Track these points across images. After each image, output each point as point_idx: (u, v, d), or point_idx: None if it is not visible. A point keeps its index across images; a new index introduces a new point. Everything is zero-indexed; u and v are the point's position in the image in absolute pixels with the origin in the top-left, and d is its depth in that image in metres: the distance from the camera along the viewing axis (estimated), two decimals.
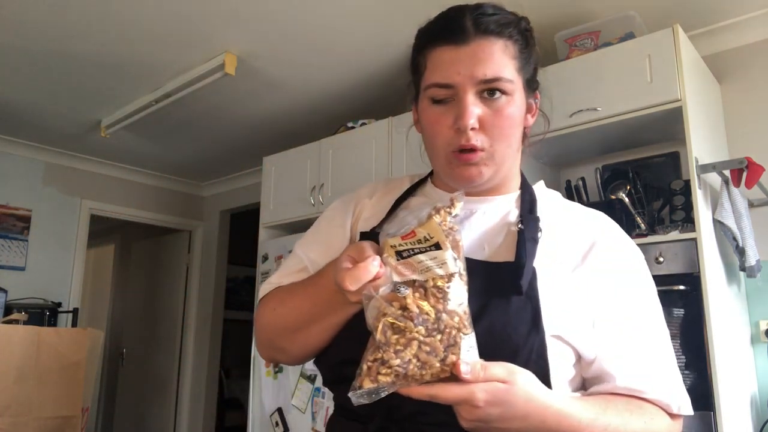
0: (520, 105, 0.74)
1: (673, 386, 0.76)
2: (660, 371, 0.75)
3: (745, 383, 1.99)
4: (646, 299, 0.78)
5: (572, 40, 2.29)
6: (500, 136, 0.73)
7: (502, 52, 0.72)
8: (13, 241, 3.83)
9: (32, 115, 3.49)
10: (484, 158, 0.73)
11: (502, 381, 0.59)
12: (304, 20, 2.42)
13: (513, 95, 0.73)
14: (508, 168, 0.78)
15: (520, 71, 0.74)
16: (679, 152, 2.31)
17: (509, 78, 0.72)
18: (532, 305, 0.68)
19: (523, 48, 0.75)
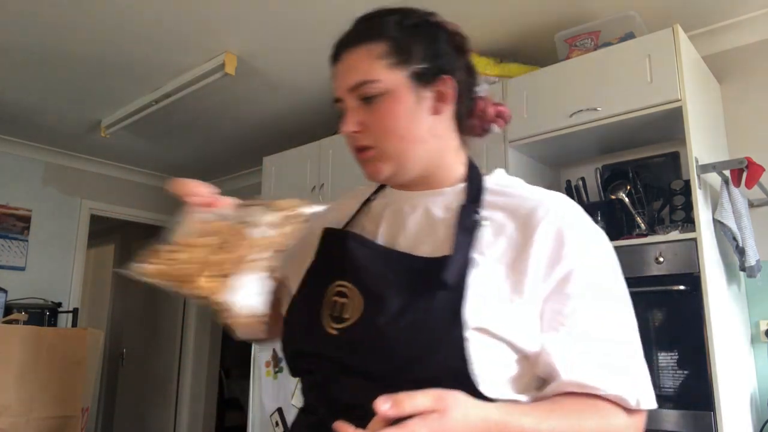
0: (405, 99, 0.75)
1: (631, 379, 0.69)
2: (615, 363, 0.69)
3: (745, 383, 1.99)
4: (599, 287, 0.72)
5: (572, 40, 2.29)
6: (384, 133, 0.76)
7: (365, 56, 0.76)
8: (13, 241, 3.83)
9: (32, 115, 3.49)
10: (377, 155, 0.77)
11: (432, 411, 0.57)
12: (304, 20, 2.42)
13: (390, 93, 0.75)
14: (425, 160, 0.78)
15: (397, 66, 0.76)
16: (679, 152, 2.31)
17: (375, 79, 0.75)
18: (454, 297, 0.68)
19: (400, 43, 0.76)
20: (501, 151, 2.30)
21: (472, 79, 0.82)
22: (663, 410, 1.76)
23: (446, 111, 0.78)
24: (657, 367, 1.80)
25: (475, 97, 0.83)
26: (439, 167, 0.80)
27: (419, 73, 0.76)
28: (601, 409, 0.67)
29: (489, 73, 2.46)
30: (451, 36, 0.81)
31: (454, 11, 2.32)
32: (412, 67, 0.76)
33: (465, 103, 0.81)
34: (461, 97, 0.80)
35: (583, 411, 0.67)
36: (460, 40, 0.81)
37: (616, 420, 0.68)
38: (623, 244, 1.95)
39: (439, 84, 0.77)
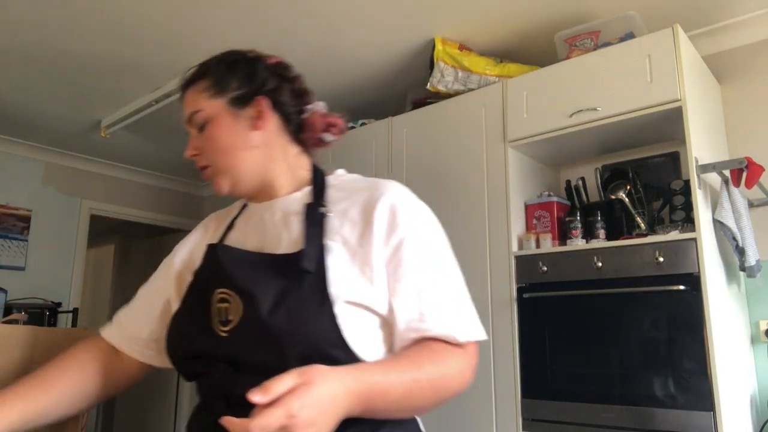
0: (225, 121, 0.92)
1: (458, 318, 0.82)
2: (442, 307, 0.81)
3: (745, 383, 1.99)
4: (427, 249, 0.85)
5: (572, 40, 2.29)
6: (212, 151, 0.92)
7: (193, 93, 0.94)
8: (13, 241, 3.83)
9: (32, 115, 3.49)
10: (214, 172, 0.93)
11: (299, 385, 0.65)
12: (303, 21, 2.42)
13: (213, 120, 0.92)
14: (258, 171, 0.93)
15: (217, 96, 0.93)
16: (679, 152, 2.31)
17: (199, 109, 0.92)
18: (319, 280, 0.79)
19: (217, 78, 0.94)
20: (501, 151, 2.30)
21: (300, 99, 0.97)
22: (663, 410, 1.76)
23: (267, 126, 0.93)
24: (657, 367, 1.80)
25: (303, 113, 0.97)
26: (275, 175, 0.94)
27: (236, 98, 0.92)
28: (436, 352, 0.79)
29: (489, 73, 2.46)
30: (271, 66, 0.98)
31: (455, 11, 2.33)
32: (230, 94, 0.92)
33: (293, 119, 0.96)
34: (286, 114, 0.95)
35: (421, 356, 0.78)
36: (281, 69, 0.99)
37: (450, 359, 0.79)
38: (623, 244, 1.95)
39: (255, 105, 0.92)
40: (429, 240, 0.87)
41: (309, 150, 1.00)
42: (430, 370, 0.78)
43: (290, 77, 0.98)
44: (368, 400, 0.72)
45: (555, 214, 2.25)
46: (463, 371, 0.81)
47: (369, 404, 0.72)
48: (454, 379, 0.80)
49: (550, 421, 1.98)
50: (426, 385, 0.77)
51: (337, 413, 0.68)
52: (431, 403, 0.79)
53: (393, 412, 0.78)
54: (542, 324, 2.07)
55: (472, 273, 2.29)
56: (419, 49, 2.63)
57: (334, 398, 0.67)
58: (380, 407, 0.74)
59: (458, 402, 2.22)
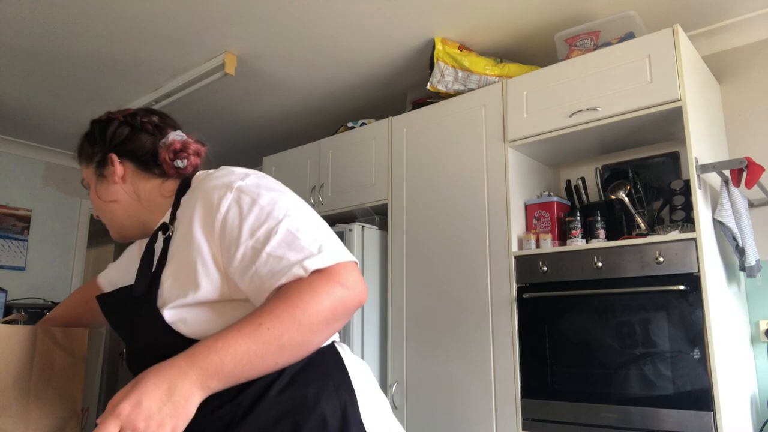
0: (94, 184, 1.06)
1: (292, 257, 0.81)
2: (266, 261, 0.82)
3: (745, 383, 1.99)
4: (233, 215, 0.86)
5: (572, 40, 2.29)
6: (96, 210, 1.09)
7: (79, 165, 1.10)
8: (13, 241, 3.83)
9: (32, 115, 3.50)
10: (106, 225, 1.08)
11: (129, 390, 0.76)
12: (304, 20, 2.42)
13: (90, 185, 1.08)
14: (133, 217, 1.05)
15: (88, 165, 1.07)
16: (679, 152, 2.31)
17: (82, 178, 1.10)
18: (148, 303, 0.88)
19: (83, 150, 1.08)
20: (501, 151, 2.30)
21: (156, 136, 1.05)
22: (663, 410, 1.76)
23: (123, 175, 1.03)
24: (657, 367, 1.80)
25: (153, 150, 1.04)
26: (149, 213, 1.04)
27: (98, 162, 1.05)
28: (281, 291, 0.80)
29: (489, 73, 2.46)
30: (121, 119, 1.06)
31: (455, 11, 2.33)
32: (94, 159, 1.06)
33: (145, 159, 1.04)
34: (138, 157, 1.04)
35: (264, 305, 0.80)
36: (130, 119, 1.06)
37: (297, 288, 0.79)
38: (623, 244, 1.95)
39: (109, 163, 1.04)
40: (241, 204, 0.87)
41: (177, 176, 1.05)
42: (272, 308, 0.78)
43: (140, 122, 1.06)
44: (212, 366, 0.75)
45: (555, 214, 2.26)
46: (330, 294, 0.79)
47: (216, 368, 0.75)
48: (319, 305, 0.79)
49: (550, 421, 1.98)
50: (276, 321, 0.77)
51: (176, 391, 0.73)
52: (300, 330, 0.78)
53: (257, 361, 0.77)
54: (542, 324, 2.07)
55: (472, 273, 2.29)
56: (419, 49, 2.63)
57: (166, 381, 0.74)
58: (232, 364, 0.75)
59: (458, 402, 2.22)
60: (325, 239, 0.85)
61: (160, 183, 1.04)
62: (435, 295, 2.38)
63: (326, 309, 0.79)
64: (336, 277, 0.81)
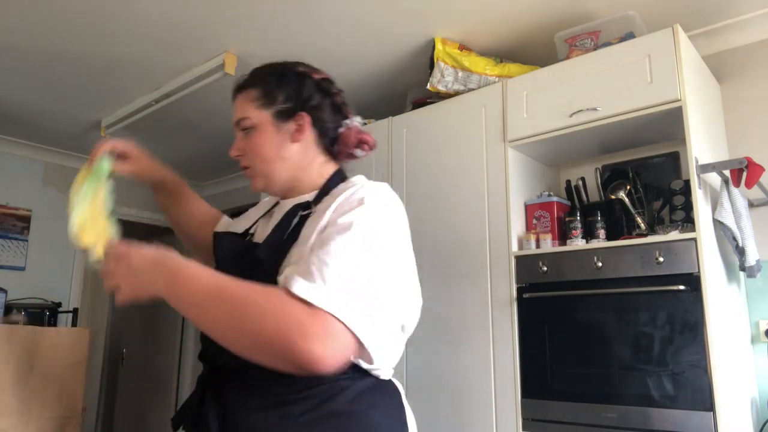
0: (270, 133, 1.01)
1: (307, 273, 0.80)
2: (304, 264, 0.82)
3: (745, 383, 1.99)
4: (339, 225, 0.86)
5: (572, 40, 2.29)
6: (254, 156, 1.02)
7: (244, 99, 1.03)
8: (13, 241, 3.83)
9: (32, 115, 3.50)
10: (252, 173, 1.04)
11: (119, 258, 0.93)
12: (303, 21, 2.42)
13: (258, 127, 1.01)
14: (286, 176, 1.03)
15: (264, 107, 1.01)
16: (679, 152, 2.31)
17: (246, 116, 1.02)
18: (269, 268, 0.89)
19: (267, 90, 1.02)
20: (501, 151, 2.30)
21: (339, 114, 1.05)
22: (663, 410, 1.76)
23: (305, 139, 1.01)
24: (657, 367, 1.80)
25: (339, 128, 1.05)
26: (300, 179, 1.03)
27: (281, 112, 1.01)
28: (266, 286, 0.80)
29: (489, 73, 2.46)
30: (317, 82, 1.04)
31: (455, 11, 2.33)
32: (276, 107, 1.01)
33: (328, 133, 1.04)
34: (323, 129, 1.03)
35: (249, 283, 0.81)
36: (326, 85, 1.05)
37: (274, 294, 0.79)
38: (623, 244, 1.95)
39: (297, 120, 1.01)
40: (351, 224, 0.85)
41: (338, 160, 1.08)
42: (245, 288, 0.80)
43: (332, 93, 1.05)
44: (171, 274, 0.83)
45: (555, 214, 2.26)
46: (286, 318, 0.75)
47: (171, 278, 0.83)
48: (268, 315, 0.76)
49: (550, 421, 1.98)
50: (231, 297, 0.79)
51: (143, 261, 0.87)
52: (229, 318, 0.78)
53: (191, 306, 0.82)
54: (542, 324, 2.07)
55: (472, 273, 2.29)
56: (419, 49, 2.63)
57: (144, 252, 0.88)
58: (181, 291, 0.82)
59: (458, 401, 2.22)
60: (348, 290, 0.79)
61: (324, 161, 1.05)
62: (435, 295, 2.38)
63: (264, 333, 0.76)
64: (312, 320, 0.75)
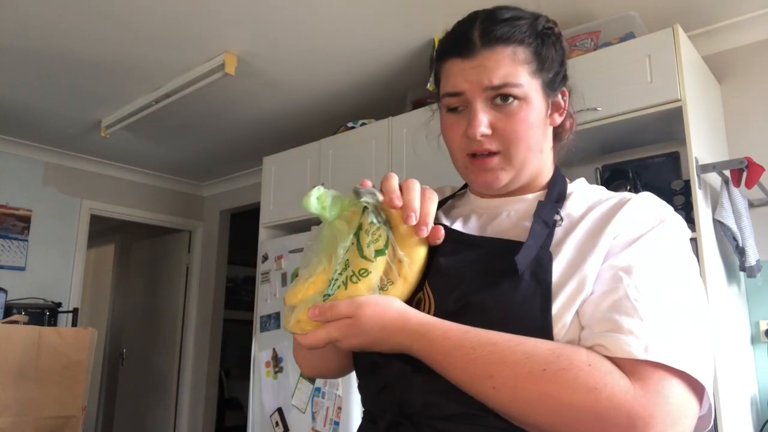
0: (538, 107, 0.74)
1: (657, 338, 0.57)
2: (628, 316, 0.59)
3: (745, 383, 1.99)
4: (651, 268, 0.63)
5: (572, 40, 2.29)
6: (515, 139, 0.73)
7: (511, 59, 0.73)
8: (13, 241, 3.83)
9: (32, 115, 3.49)
10: (501, 162, 0.75)
11: (347, 316, 0.64)
12: (304, 20, 2.42)
13: (527, 99, 0.73)
14: (533, 170, 0.78)
15: (536, 74, 0.74)
16: (679, 152, 2.30)
17: (519, 83, 0.72)
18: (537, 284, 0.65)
19: (538, 50, 0.75)
20: None
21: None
22: None
23: (556, 122, 0.79)
24: None
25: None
26: (534, 177, 0.80)
27: (550, 83, 0.76)
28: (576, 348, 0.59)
29: None
30: (564, 47, 0.81)
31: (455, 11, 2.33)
32: (546, 75, 0.75)
33: (564, 114, 0.81)
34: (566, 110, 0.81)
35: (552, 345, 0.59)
36: (566, 50, 0.81)
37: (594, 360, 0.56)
38: None
39: (559, 95, 0.78)
40: (664, 244, 0.65)
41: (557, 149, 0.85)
42: (538, 345, 0.58)
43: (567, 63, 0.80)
44: (424, 332, 0.62)
45: None
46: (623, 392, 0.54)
47: (425, 338, 0.62)
48: (579, 383, 0.55)
49: None
50: (521, 354, 0.57)
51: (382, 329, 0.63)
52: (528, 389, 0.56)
53: (460, 370, 0.60)
54: None
55: None
56: (419, 49, 2.63)
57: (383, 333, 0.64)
58: (439, 350, 0.61)
59: None
60: (702, 349, 0.60)
61: (550, 151, 0.82)
62: None
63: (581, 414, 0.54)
64: (651, 391, 0.54)
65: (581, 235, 0.68)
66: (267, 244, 3.13)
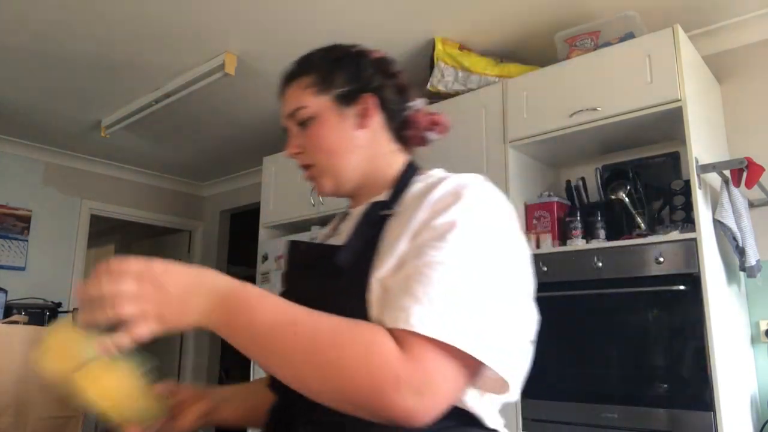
0: (332, 119, 0.87)
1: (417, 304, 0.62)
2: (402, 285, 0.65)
3: (745, 383, 1.99)
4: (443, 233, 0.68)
5: (572, 40, 2.29)
6: (315, 150, 0.88)
7: (297, 88, 0.90)
8: (13, 241, 3.83)
9: (32, 115, 3.50)
10: (316, 172, 0.90)
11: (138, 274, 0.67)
12: (304, 20, 2.42)
13: (317, 116, 0.87)
14: (359, 172, 0.89)
15: (322, 93, 0.88)
16: (679, 152, 2.31)
17: (304, 105, 0.88)
18: (352, 278, 0.72)
19: (324, 73, 0.89)
20: (501, 151, 2.30)
21: (403, 95, 0.93)
22: (663, 410, 1.76)
23: (372, 124, 0.89)
24: (657, 367, 1.80)
25: (406, 110, 0.93)
26: (373, 175, 0.89)
27: (341, 95, 0.88)
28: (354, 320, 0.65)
29: (489, 74, 2.46)
30: (376, 61, 0.93)
31: (455, 11, 2.33)
32: (335, 91, 0.88)
33: (395, 116, 0.91)
34: (390, 111, 0.90)
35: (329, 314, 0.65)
36: (385, 65, 0.93)
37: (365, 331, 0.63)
38: (623, 244, 1.95)
39: (361, 102, 0.88)
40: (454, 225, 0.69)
41: (408, 148, 0.94)
42: (322, 323, 0.64)
43: (393, 73, 0.93)
44: (226, 299, 0.67)
45: (555, 214, 2.25)
46: (377, 363, 0.60)
47: (226, 305, 0.67)
48: (354, 359, 0.61)
49: (550, 421, 1.98)
50: (306, 333, 0.63)
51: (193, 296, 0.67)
52: (309, 366, 0.63)
53: (255, 346, 0.66)
54: (542, 324, 2.06)
55: None
56: (419, 49, 2.63)
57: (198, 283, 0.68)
58: (242, 324, 0.66)
59: None
60: (469, 313, 0.63)
61: (394, 150, 0.91)
62: None
63: (349, 383, 0.61)
64: (412, 360, 0.60)
65: (403, 221, 0.74)
66: (267, 244, 3.13)
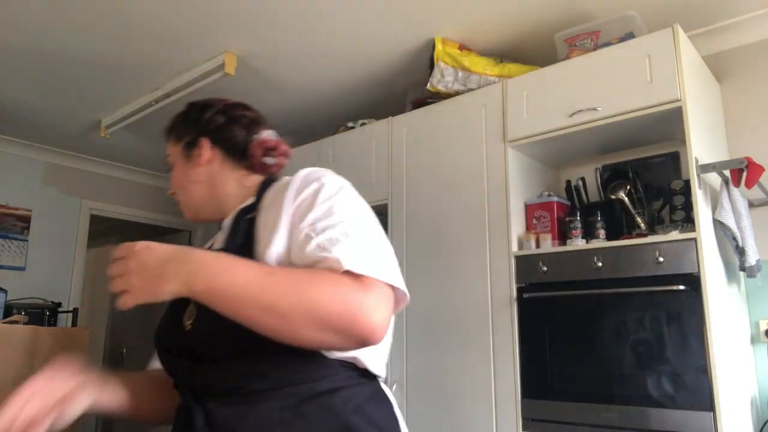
0: (181, 163, 1.12)
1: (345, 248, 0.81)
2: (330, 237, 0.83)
3: (745, 383, 1.99)
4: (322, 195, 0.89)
5: (572, 40, 2.29)
6: (175, 188, 1.15)
7: (168, 142, 1.16)
8: (13, 241, 3.83)
9: (32, 115, 3.49)
10: (181, 205, 1.16)
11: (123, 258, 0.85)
12: (304, 20, 2.42)
13: (175, 162, 1.14)
14: (205, 198, 1.11)
15: (176, 144, 1.14)
16: (679, 152, 2.31)
17: (168, 154, 1.15)
18: None
19: (177, 129, 1.14)
20: (501, 151, 2.30)
21: (248, 130, 1.12)
22: (663, 410, 1.76)
23: (208, 161, 1.09)
24: (657, 367, 1.80)
25: (249, 143, 1.11)
26: (222, 198, 1.10)
27: (187, 143, 1.12)
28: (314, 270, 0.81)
29: (489, 73, 2.46)
30: (220, 109, 1.13)
31: (455, 11, 2.33)
32: (183, 140, 1.12)
33: (236, 149, 1.10)
34: (229, 147, 1.10)
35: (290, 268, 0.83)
36: (229, 109, 1.13)
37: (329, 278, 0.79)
38: (623, 244, 1.95)
39: (198, 145, 1.10)
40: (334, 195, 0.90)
41: (261, 171, 1.12)
42: (293, 273, 0.80)
43: (236, 115, 1.13)
44: (207, 271, 0.79)
45: (555, 214, 2.26)
46: (346, 294, 0.77)
47: (210, 276, 0.79)
48: (328, 294, 0.76)
49: (550, 421, 1.98)
50: (283, 280, 0.78)
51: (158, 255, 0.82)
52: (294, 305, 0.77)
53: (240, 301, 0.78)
54: (542, 324, 2.07)
55: (472, 273, 2.29)
56: (419, 49, 2.63)
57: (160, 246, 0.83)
58: (225, 284, 0.78)
59: (458, 402, 2.22)
60: (374, 252, 0.85)
61: (244, 174, 1.11)
62: (435, 295, 2.38)
63: (329, 312, 0.76)
64: (375, 296, 0.79)
65: (272, 211, 0.93)
66: None
